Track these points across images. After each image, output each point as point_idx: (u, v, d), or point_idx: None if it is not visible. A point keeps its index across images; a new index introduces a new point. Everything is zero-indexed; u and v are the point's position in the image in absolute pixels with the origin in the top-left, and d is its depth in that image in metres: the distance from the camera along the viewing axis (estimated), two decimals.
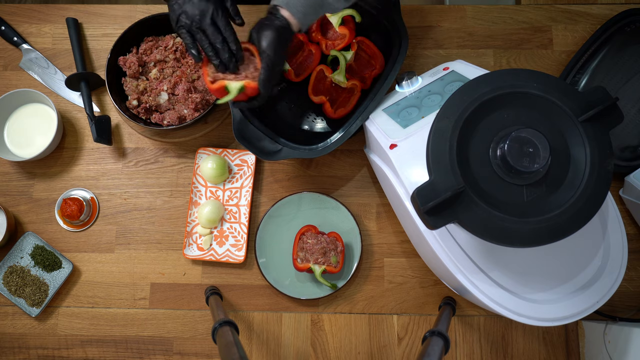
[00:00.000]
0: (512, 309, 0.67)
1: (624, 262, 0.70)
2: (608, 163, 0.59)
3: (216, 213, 0.95)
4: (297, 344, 0.94)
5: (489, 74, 0.64)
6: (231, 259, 0.95)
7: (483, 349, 0.93)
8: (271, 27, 0.72)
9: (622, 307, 0.93)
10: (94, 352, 0.95)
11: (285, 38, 0.73)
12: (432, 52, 1.05)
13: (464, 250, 0.70)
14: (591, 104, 0.61)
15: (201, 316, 0.96)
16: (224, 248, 0.96)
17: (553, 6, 1.07)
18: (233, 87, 0.75)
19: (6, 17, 1.07)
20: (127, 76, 0.99)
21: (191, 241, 0.96)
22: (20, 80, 1.05)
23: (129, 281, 0.97)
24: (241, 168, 0.99)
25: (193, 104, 0.95)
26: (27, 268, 0.95)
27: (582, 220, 0.58)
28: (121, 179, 1.01)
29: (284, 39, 0.73)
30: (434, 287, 0.95)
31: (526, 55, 1.04)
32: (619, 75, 0.97)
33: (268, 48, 0.72)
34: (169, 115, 0.96)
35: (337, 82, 0.95)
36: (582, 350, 0.91)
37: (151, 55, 0.99)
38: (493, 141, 0.61)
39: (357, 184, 0.99)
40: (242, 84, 0.75)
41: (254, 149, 0.86)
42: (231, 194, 0.98)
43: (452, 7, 1.07)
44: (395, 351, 0.93)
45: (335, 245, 0.91)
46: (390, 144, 0.78)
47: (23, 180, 1.01)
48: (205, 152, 1.00)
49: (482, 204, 0.58)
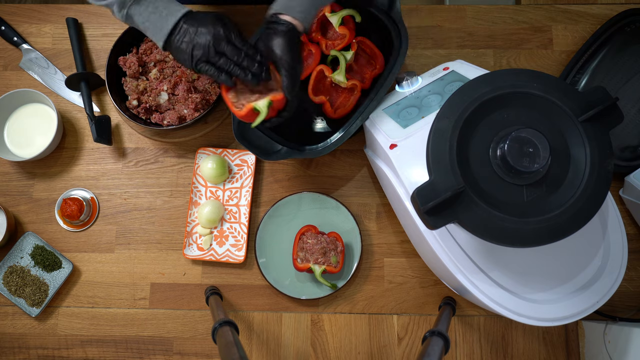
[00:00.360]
0: (512, 309, 0.67)
1: (624, 262, 0.70)
2: (608, 163, 0.60)
3: (216, 213, 0.95)
4: (297, 344, 0.94)
5: (489, 74, 0.64)
6: (231, 259, 0.95)
7: (483, 349, 0.93)
8: (279, 34, 0.72)
9: (622, 307, 0.93)
10: (94, 352, 0.95)
11: (295, 40, 0.73)
12: (432, 52, 1.05)
13: (464, 250, 0.70)
14: (591, 104, 0.61)
15: (201, 316, 0.96)
16: (224, 248, 0.96)
17: (553, 6, 1.07)
18: (261, 105, 0.73)
19: (6, 17, 1.07)
20: (127, 76, 0.99)
21: (191, 241, 0.96)
22: (20, 80, 1.05)
23: (129, 281, 0.97)
24: (241, 168, 0.99)
25: (193, 104, 0.95)
26: (27, 268, 0.95)
27: (582, 220, 0.58)
28: (121, 179, 1.01)
29: (295, 41, 0.73)
30: (434, 287, 0.95)
31: (526, 55, 1.04)
32: (619, 75, 0.97)
33: (284, 54, 0.72)
34: (169, 115, 0.96)
35: (337, 82, 0.95)
36: (582, 350, 0.91)
37: (151, 55, 0.99)
38: (493, 141, 0.61)
39: (357, 184, 0.99)
40: (268, 99, 0.73)
41: (254, 149, 0.86)
42: (231, 194, 0.98)
43: (452, 7, 1.07)
44: (395, 351, 0.93)
45: (335, 245, 0.91)
46: (390, 144, 0.78)
47: (23, 180, 1.01)
48: (205, 152, 1.00)
49: (482, 204, 0.58)
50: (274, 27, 0.72)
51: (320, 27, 0.97)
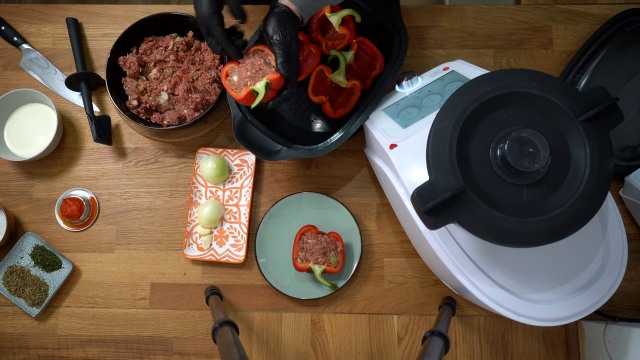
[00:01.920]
0: (512, 309, 0.67)
1: (624, 262, 0.70)
2: (608, 163, 0.59)
3: (216, 213, 0.95)
4: (297, 344, 0.94)
5: (489, 74, 0.64)
6: (231, 259, 0.95)
7: (483, 349, 0.93)
8: (272, 15, 0.76)
9: (622, 307, 0.93)
10: (94, 352, 0.95)
11: (287, 19, 0.76)
12: (432, 52, 1.05)
13: (464, 250, 0.70)
14: (591, 104, 0.61)
15: (201, 316, 0.96)
16: (224, 248, 0.96)
17: (553, 6, 1.07)
18: (259, 86, 0.77)
19: (6, 17, 1.07)
20: (127, 76, 0.99)
21: (191, 241, 0.96)
22: (20, 80, 1.05)
23: (129, 281, 0.97)
24: (241, 168, 0.99)
25: (193, 104, 0.95)
26: (27, 268, 0.95)
27: (582, 220, 0.58)
28: (121, 179, 1.01)
29: (287, 20, 0.76)
30: (434, 287, 0.95)
31: (526, 55, 1.04)
32: (619, 75, 0.97)
33: (274, 32, 0.75)
34: (169, 115, 0.96)
35: (337, 82, 0.95)
36: (582, 350, 0.91)
37: (151, 55, 0.99)
38: (493, 141, 0.61)
39: (357, 184, 0.99)
40: (265, 80, 0.77)
41: (253, 149, 0.86)
42: (231, 194, 0.98)
43: (452, 7, 1.07)
44: (395, 351, 0.93)
45: (335, 245, 0.91)
46: (390, 144, 0.78)
47: (23, 180, 1.01)
48: (205, 152, 0.99)
49: (482, 204, 0.58)
50: (271, 10, 0.77)
51: (320, 27, 0.97)
